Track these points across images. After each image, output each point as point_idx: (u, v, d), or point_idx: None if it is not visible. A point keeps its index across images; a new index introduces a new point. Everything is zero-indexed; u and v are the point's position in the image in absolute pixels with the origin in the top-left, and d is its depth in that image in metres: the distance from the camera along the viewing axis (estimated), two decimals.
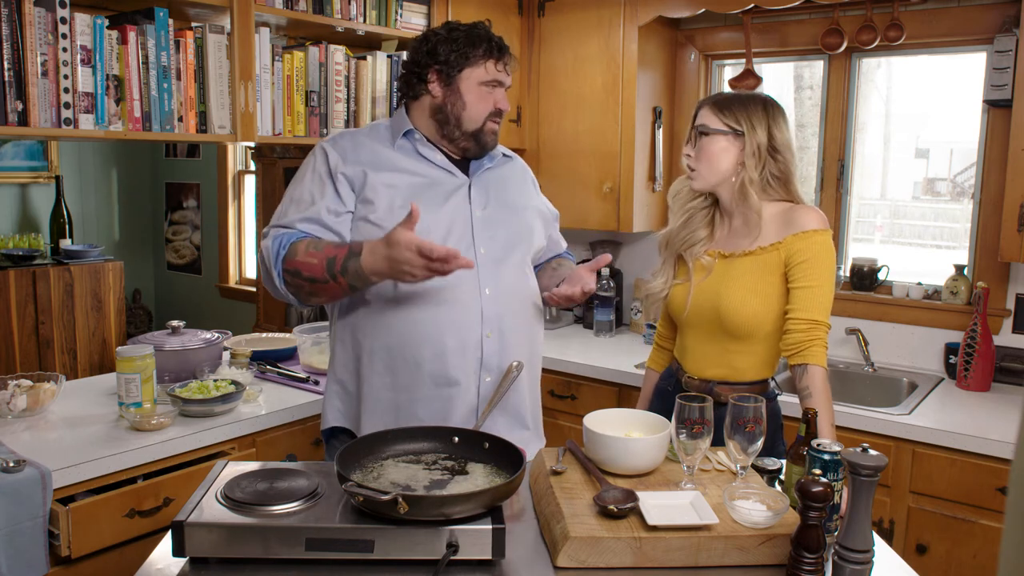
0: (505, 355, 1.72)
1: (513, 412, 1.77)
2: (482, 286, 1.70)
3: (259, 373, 2.48)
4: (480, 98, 1.73)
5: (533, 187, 1.96)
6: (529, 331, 1.79)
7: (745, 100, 1.80)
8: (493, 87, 1.75)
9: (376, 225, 1.66)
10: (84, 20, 1.99)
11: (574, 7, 3.12)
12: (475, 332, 1.69)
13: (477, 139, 1.75)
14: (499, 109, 1.76)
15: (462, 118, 1.73)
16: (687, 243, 1.87)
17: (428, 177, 1.74)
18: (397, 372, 1.69)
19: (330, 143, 1.75)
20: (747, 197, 1.77)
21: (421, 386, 1.69)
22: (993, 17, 2.57)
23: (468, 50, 1.71)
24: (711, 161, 1.79)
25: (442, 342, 1.67)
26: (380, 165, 1.71)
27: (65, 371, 3.87)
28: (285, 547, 1.21)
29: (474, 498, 1.23)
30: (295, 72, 2.49)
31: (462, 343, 1.68)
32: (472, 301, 1.68)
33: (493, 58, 1.73)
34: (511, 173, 1.89)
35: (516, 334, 1.74)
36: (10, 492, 1.62)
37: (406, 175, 1.72)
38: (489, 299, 1.70)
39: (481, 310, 1.69)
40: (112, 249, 5.13)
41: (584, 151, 3.15)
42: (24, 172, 4.55)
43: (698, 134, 1.81)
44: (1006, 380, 2.61)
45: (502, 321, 1.71)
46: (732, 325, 1.77)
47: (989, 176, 2.65)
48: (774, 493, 1.35)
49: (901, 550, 2.25)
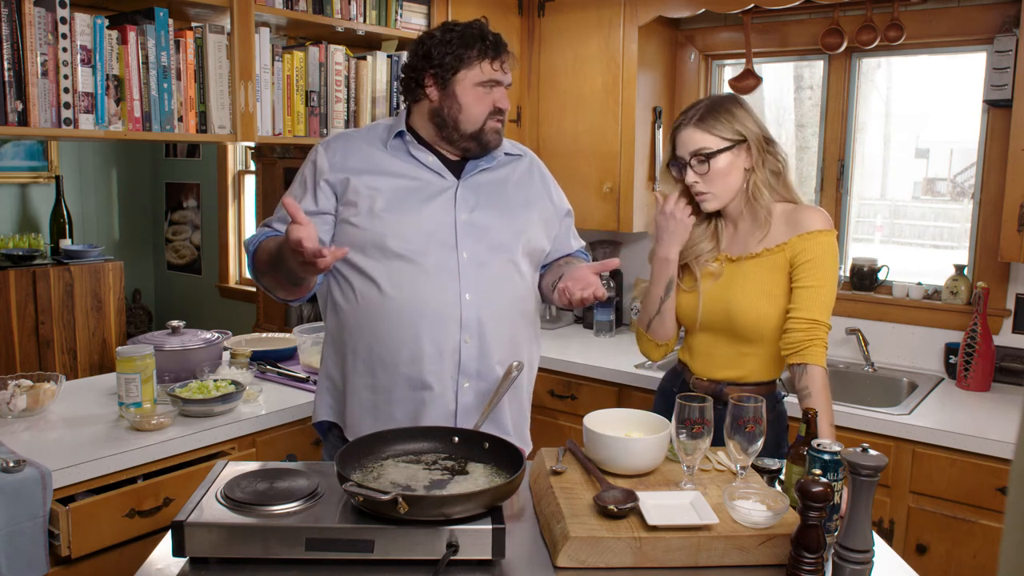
0: (485, 361, 1.70)
1: (493, 418, 1.74)
2: (462, 291, 1.68)
3: (259, 373, 2.48)
4: (477, 100, 1.71)
5: (542, 185, 1.91)
6: (513, 336, 1.75)
7: (721, 105, 1.76)
8: (491, 87, 1.73)
9: (357, 227, 1.68)
10: (84, 20, 1.99)
11: (574, 7, 3.12)
12: (453, 337, 1.68)
13: (478, 140, 1.74)
14: (499, 108, 1.74)
15: (459, 121, 1.72)
16: (692, 255, 1.85)
17: (415, 179, 1.73)
18: (376, 373, 1.71)
19: (324, 145, 1.78)
20: (759, 198, 1.76)
21: (397, 388, 1.70)
22: (993, 17, 2.57)
23: (462, 52, 1.69)
24: (725, 179, 1.75)
25: (419, 346, 1.67)
26: (366, 168, 1.72)
27: (65, 371, 3.87)
28: (285, 547, 1.21)
29: (474, 498, 1.23)
30: (295, 72, 2.49)
31: (438, 348, 1.67)
32: (450, 306, 1.67)
33: (488, 58, 1.71)
34: (514, 173, 1.85)
35: (498, 339, 1.71)
36: (10, 492, 1.62)
37: (391, 178, 1.72)
38: (469, 304, 1.68)
39: (460, 315, 1.67)
40: (112, 249, 5.12)
41: (584, 151, 3.15)
42: (24, 172, 4.55)
43: (700, 161, 1.74)
44: (1006, 380, 2.61)
45: (482, 326, 1.69)
46: (743, 328, 1.77)
47: (989, 176, 2.65)
48: (774, 493, 1.35)
49: (901, 550, 2.25)
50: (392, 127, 1.78)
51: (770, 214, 1.76)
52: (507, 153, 1.85)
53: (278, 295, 1.74)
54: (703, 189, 1.76)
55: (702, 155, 1.74)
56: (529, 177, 1.88)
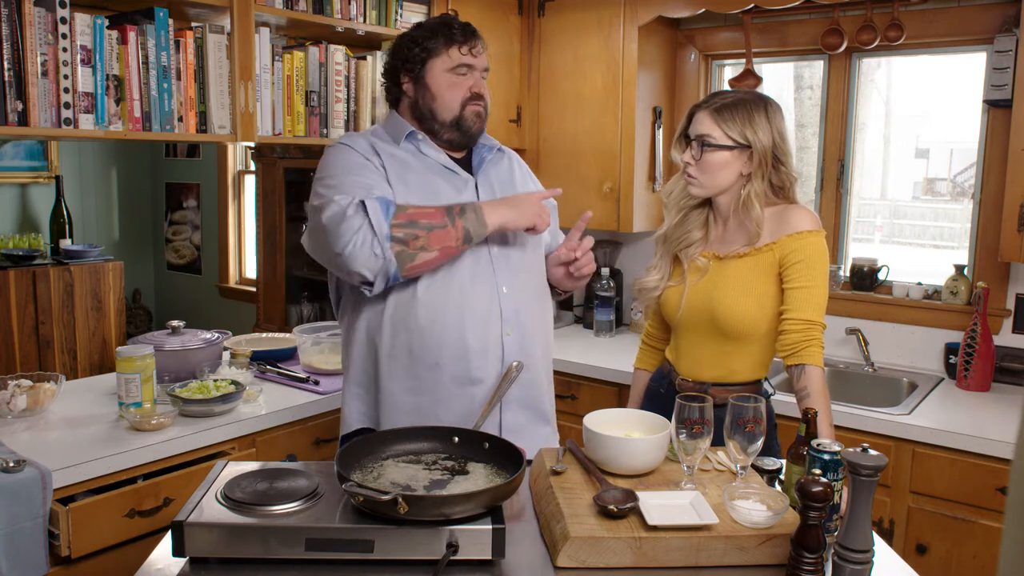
0: (525, 352, 1.72)
1: (535, 408, 1.77)
2: (499, 284, 1.69)
3: (259, 373, 2.48)
4: (449, 86, 1.72)
5: (531, 179, 1.95)
6: (544, 326, 1.79)
7: (746, 106, 1.74)
8: (462, 73, 1.73)
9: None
10: (84, 20, 1.99)
11: (574, 7, 3.12)
12: (495, 331, 1.69)
13: (459, 127, 1.74)
14: (476, 93, 1.74)
15: (435, 110, 1.73)
16: (683, 243, 1.87)
17: (437, 175, 1.74)
18: (418, 374, 1.68)
19: (348, 139, 1.74)
20: (750, 209, 1.75)
21: (443, 387, 1.67)
22: (993, 17, 2.57)
23: (428, 43, 1.71)
24: (714, 174, 1.76)
25: (463, 343, 1.66)
26: (395, 163, 1.72)
27: (65, 371, 3.87)
28: (285, 547, 1.21)
29: (474, 498, 1.23)
30: (295, 72, 2.49)
31: (483, 343, 1.67)
32: (491, 300, 1.68)
33: (456, 43, 1.71)
34: (509, 166, 1.89)
35: (533, 329, 1.74)
36: (10, 492, 1.62)
37: (418, 174, 1.72)
38: (507, 297, 1.70)
39: (500, 309, 1.69)
40: (112, 249, 5.12)
41: (584, 151, 3.15)
42: (24, 172, 4.55)
43: (699, 145, 1.76)
44: (1006, 380, 2.61)
45: (520, 317, 1.71)
46: (726, 326, 1.77)
47: (989, 176, 2.65)
48: (774, 493, 1.35)
49: (901, 550, 2.25)
50: (393, 129, 1.78)
51: (759, 225, 1.76)
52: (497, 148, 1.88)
53: (417, 261, 1.58)
54: (693, 173, 1.79)
55: (703, 142, 1.75)
56: (520, 171, 1.92)
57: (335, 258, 1.57)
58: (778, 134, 1.75)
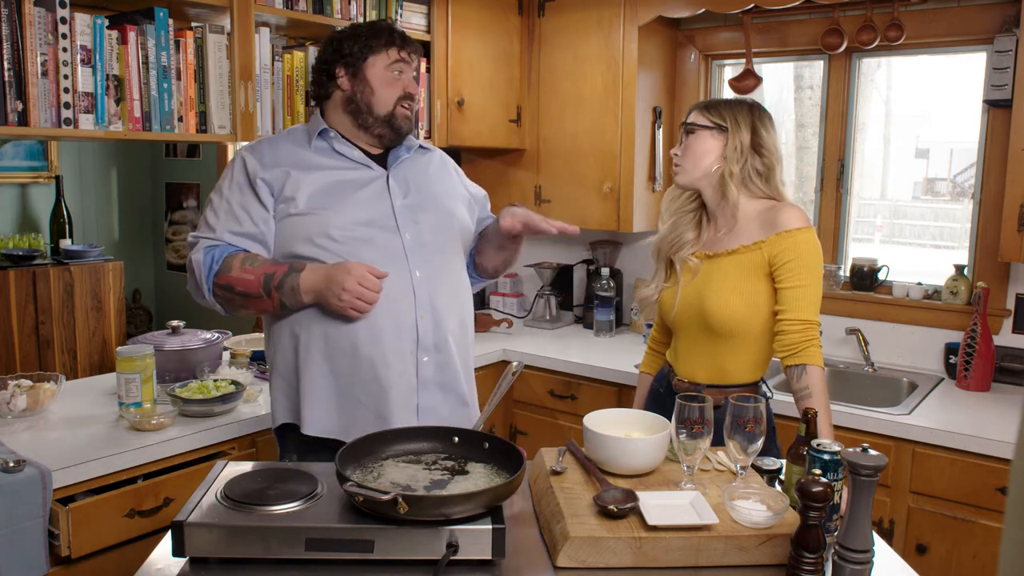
0: (440, 334, 1.78)
1: (451, 390, 1.82)
2: (412, 269, 1.76)
3: (259, 373, 2.48)
4: (387, 83, 1.81)
5: (457, 175, 2.03)
6: (459, 309, 1.85)
7: (732, 102, 1.87)
8: (399, 72, 1.82)
9: (302, 216, 1.72)
10: (84, 20, 1.99)
11: (574, 7, 3.12)
12: (409, 314, 1.74)
13: (391, 124, 1.82)
14: (408, 93, 1.83)
15: (372, 104, 1.81)
16: (675, 246, 1.90)
17: (347, 172, 1.81)
18: (334, 359, 1.73)
19: (248, 150, 1.82)
20: (727, 192, 1.81)
21: (359, 370, 1.73)
22: (993, 17, 2.57)
23: (371, 41, 1.80)
24: (696, 157, 1.84)
25: (377, 325, 1.72)
26: (298, 165, 1.78)
27: (65, 371, 3.87)
28: (285, 547, 1.21)
29: (474, 498, 1.23)
30: (295, 72, 2.49)
31: (397, 325, 1.73)
32: (404, 284, 1.74)
33: (396, 45, 1.82)
34: (431, 163, 1.96)
35: (448, 313, 1.80)
36: (10, 492, 1.62)
37: (323, 172, 1.79)
38: (420, 280, 1.76)
39: (413, 292, 1.75)
40: (112, 249, 5.12)
41: (584, 151, 3.15)
42: (24, 172, 4.55)
43: (685, 132, 1.87)
44: (1006, 380, 2.61)
45: (434, 301, 1.77)
46: (716, 324, 1.78)
47: (989, 176, 2.65)
48: (774, 493, 1.35)
49: (901, 550, 2.25)
50: (311, 129, 1.85)
51: (736, 207, 1.81)
52: (420, 146, 1.96)
53: (239, 313, 1.78)
54: (678, 160, 1.88)
55: (687, 128, 1.86)
56: (444, 168, 2.00)
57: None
58: (760, 126, 1.83)
